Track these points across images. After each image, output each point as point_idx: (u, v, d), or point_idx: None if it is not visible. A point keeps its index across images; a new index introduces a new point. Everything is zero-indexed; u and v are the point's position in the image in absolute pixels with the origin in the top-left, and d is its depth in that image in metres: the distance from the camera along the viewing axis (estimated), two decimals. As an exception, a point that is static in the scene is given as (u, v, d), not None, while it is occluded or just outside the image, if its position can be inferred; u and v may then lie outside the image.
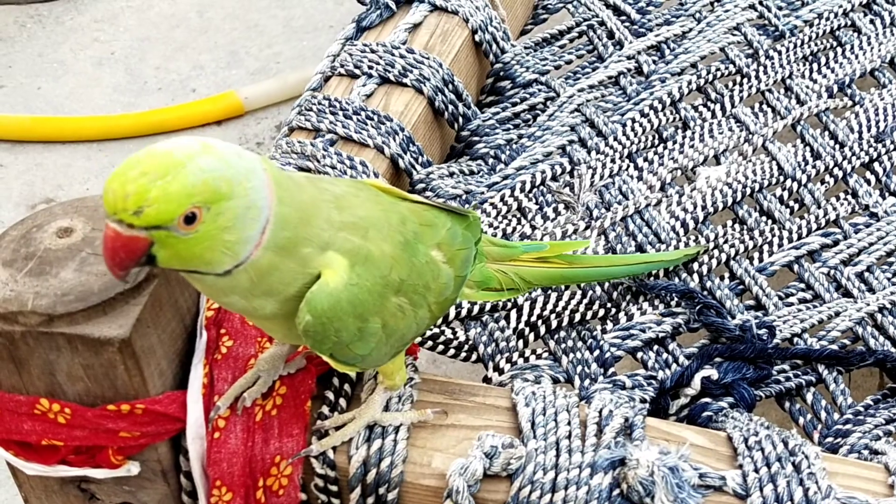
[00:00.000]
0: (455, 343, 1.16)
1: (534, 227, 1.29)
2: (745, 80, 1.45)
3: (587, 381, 1.12)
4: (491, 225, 1.28)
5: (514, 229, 1.29)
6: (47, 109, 2.36)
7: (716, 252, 1.24)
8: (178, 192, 0.81)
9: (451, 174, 1.34)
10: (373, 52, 1.39)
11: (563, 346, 1.15)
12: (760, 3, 1.54)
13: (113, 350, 0.95)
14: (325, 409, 1.01)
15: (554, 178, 1.34)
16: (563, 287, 1.20)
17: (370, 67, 1.37)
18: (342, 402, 1.02)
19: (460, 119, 1.39)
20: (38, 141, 2.30)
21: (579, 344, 1.15)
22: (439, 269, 0.98)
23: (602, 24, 1.53)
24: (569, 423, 0.98)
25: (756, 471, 0.94)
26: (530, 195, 1.32)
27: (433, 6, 1.45)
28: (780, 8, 1.54)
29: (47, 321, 0.95)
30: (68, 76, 2.44)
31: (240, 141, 2.29)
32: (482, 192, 1.32)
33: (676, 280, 1.22)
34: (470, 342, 1.16)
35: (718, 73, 1.46)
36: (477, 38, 1.45)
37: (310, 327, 0.89)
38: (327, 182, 0.94)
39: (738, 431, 0.98)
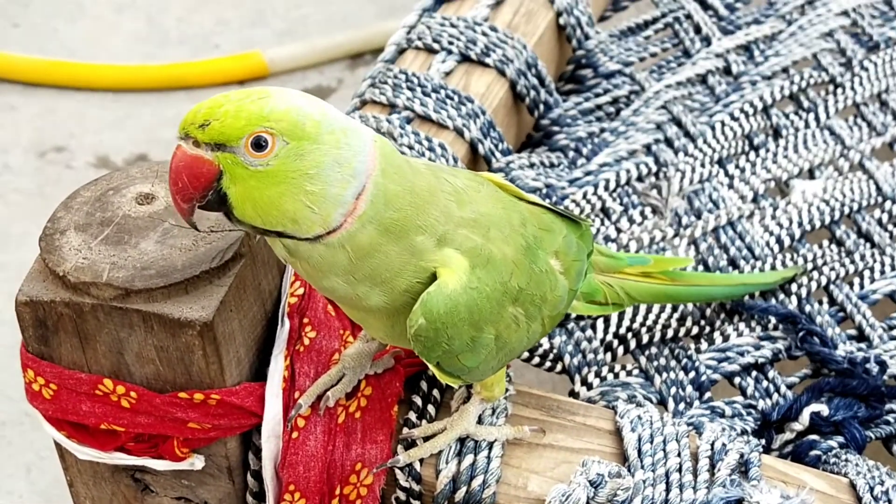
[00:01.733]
0: (540, 351, 1.07)
1: (619, 230, 1.20)
2: (840, 91, 1.37)
3: (682, 405, 1.04)
4: (574, 223, 1.20)
5: (598, 230, 1.20)
6: (62, 53, 2.25)
7: (815, 274, 1.16)
8: (252, 110, 0.75)
9: (532, 165, 1.25)
10: (453, 26, 1.30)
11: (655, 363, 1.07)
12: (854, 11, 1.46)
13: (193, 333, 0.85)
14: (413, 416, 0.93)
15: (639, 179, 1.26)
16: (653, 299, 1.12)
17: (450, 43, 1.28)
18: (431, 409, 0.93)
19: (541, 106, 1.30)
20: (52, 85, 2.20)
21: (673, 363, 1.07)
22: (557, 280, 0.90)
23: (689, 17, 1.44)
24: (679, 455, 0.90)
25: (888, 524, 0.86)
26: (614, 195, 1.24)
27: (517, -18, 1.36)
28: (873, 17, 1.46)
29: (123, 296, 0.86)
30: (86, 20, 2.33)
31: (263, 104, 2.18)
32: (563, 188, 1.24)
33: (773, 301, 1.14)
34: (555, 351, 1.07)
35: (811, 81, 1.38)
36: (562, 20, 1.36)
37: (422, 332, 0.81)
38: (447, 172, 0.86)
39: (861, 478, 0.91)
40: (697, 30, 1.43)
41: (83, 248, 0.87)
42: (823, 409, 1.00)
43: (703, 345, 1.09)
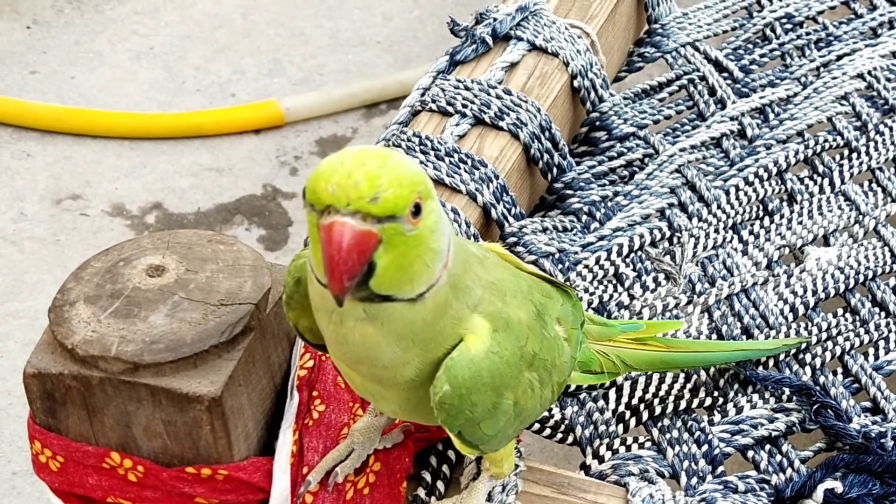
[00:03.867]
0: (551, 422, 1.06)
1: (632, 297, 1.20)
2: (854, 155, 1.36)
3: (695, 479, 1.03)
4: (586, 290, 1.19)
5: (611, 297, 1.20)
6: (80, 101, 2.26)
7: (829, 344, 1.15)
8: (408, 177, 0.74)
9: (545, 229, 1.24)
10: (467, 89, 1.30)
11: (667, 436, 1.06)
12: (869, 74, 1.45)
13: (201, 408, 0.85)
14: (422, 493, 0.92)
15: (653, 244, 1.25)
16: (664, 368, 1.11)
17: (464, 106, 1.28)
18: (440, 485, 0.92)
19: (554, 170, 1.30)
20: (69, 133, 2.20)
21: (685, 436, 1.06)
22: (563, 346, 0.90)
23: (703, 79, 1.44)
24: (690, 534, 0.89)
25: None
26: (627, 260, 1.23)
27: (532, 45, 1.36)
28: (888, 79, 1.45)
29: (131, 370, 0.85)
30: (104, 68, 2.34)
31: (277, 153, 2.19)
32: (576, 252, 1.23)
33: (787, 371, 1.13)
34: (566, 422, 1.07)
35: (826, 145, 1.37)
36: (576, 83, 1.36)
37: (447, 399, 0.80)
38: (464, 240, 0.86)
39: (876, 560, 0.89)
40: (712, 92, 1.43)
41: (92, 320, 0.87)
42: (838, 486, 0.99)
43: (717, 416, 1.08)
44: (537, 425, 1.06)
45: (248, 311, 0.88)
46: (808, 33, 1.52)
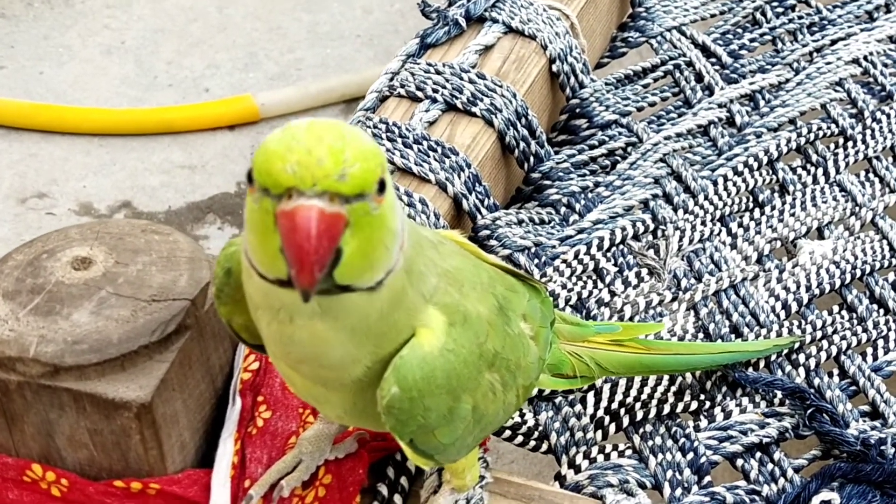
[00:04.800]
0: (523, 429, 0.98)
1: (613, 294, 1.11)
2: (850, 144, 1.28)
3: (679, 491, 0.94)
4: (564, 286, 1.11)
5: (591, 293, 1.11)
6: (48, 96, 2.18)
7: (824, 343, 1.07)
8: (369, 149, 0.65)
9: (520, 222, 1.16)
10: (438, 73, 1.22)
11: (649, 443, 0.98)
12: (865, 59, 1.37)
13: (129, 415, 0.77)
14: (377, 507, 0.83)
15: (636, 237, 1.17)
16: (646, 371, 1.02)
17: (435, 91, 1.20)
18: (398, 499, 0.84)
19: (531, 159, 1.22)
20: (36, 129, 2.14)
21: (669, 443, 0.98)
22: (529, 345, 0.82)
23: (690, 64, 1.36)
24: (672, 551, 0.80)
25: None
26: (608, 255, 1.15)
27: (508, 28, 1.28)
28: (885, 65, 1.38)
29: (51, 373, 0.77)
30: (73, 63, 2.27)
31: (252, 150, 2.11)
32: (553, 246, 1.15)
33: (779, 373, 1.05)
34: (540, 428, 0.98)
35: (820, 133, 1.29)
36: (555, 68, 1.28)
37: (395, 402, 0.72)
38: (415, 224, 0.77)
39: (876, 579, 0.81)
40: (699, 78, 1.35)
41: (10, 318, 0.79)
42: (835, 497, 0.91)
43: (703, 422, 1.00)
44: (508, 432, 0.97)
45: (182, 307, 0.80)
46: (800, 17, 1.44)
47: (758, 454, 0.98)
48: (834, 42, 1.41)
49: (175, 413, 0.79)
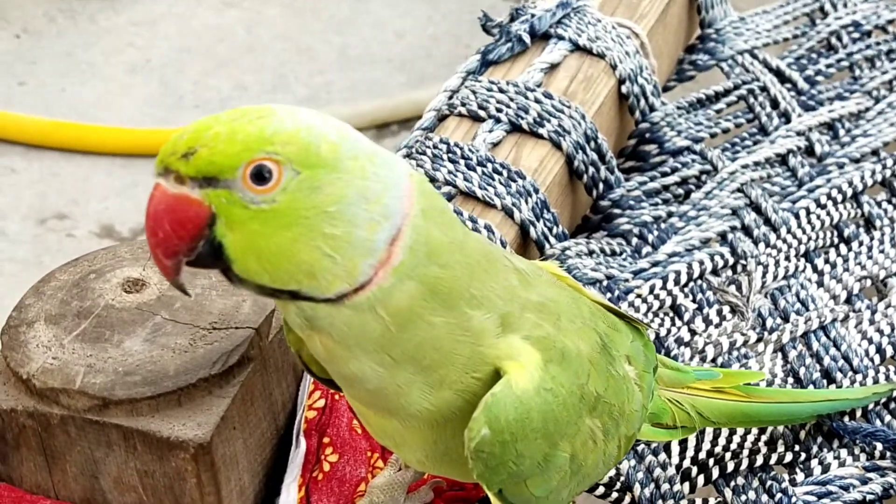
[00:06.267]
0: (605, 479, 0.89)
1: (693, 332, 1.03)
2: (939, 177, 1.20)
3: (778, 551, 0.86)
4: (640, 323, 1.02)
5: (669, 332, 1.03)
6: (70, 114, 2.13)
7: (927, 391, 0.99)
8: (249, 132, 0.59)
9: (591, 252, 1.08)
10: (502, 91, 1.14)
11: (742, 497, 0.89)
12: (951, 87, 1.29)
13: (185, 456, 0.69)
14: (456, 565, 0.75)
15: (714, 272, 1.09)
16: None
17: (498, 110, 1.12)
18: (478, 556, 0.75)
19: (601, 185, 1.14)
20: (57, 148, 2.09)
21: (764, 498, 0.89)
22: (633, 391, 0.74)
23: (764, 89, 1.28)
24: None
25: None
26: (686, 290, 1.07)
27: (575, 45, 1.20)
28: (972, 94, 1.30)
29: (99, 406, 0.69)
30: (97, 81, 2.21)
31: (281, 174, 2.03)
32: (626, 280, 1.07)
33: (878, 422, 0.96)
34: (622, 479, 0.90)
35: (905, 166, 1.21)
36: (624, 89, 1.20)
37: (485, 446, 0.64)
38: (500, 249, 0.69)
39: None
40: (775, 104, 1.27)
41: (54, 344, 0.70)
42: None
43: (800, 475, 0.92)
44: (589, 482, 0.89)
45: (246, 336, 0.72)
46: (877, 43, 1.36)
47: (862, 512, 0.89)
48: (915, 70, 1.33)
49: (235, 454, 0.71)
